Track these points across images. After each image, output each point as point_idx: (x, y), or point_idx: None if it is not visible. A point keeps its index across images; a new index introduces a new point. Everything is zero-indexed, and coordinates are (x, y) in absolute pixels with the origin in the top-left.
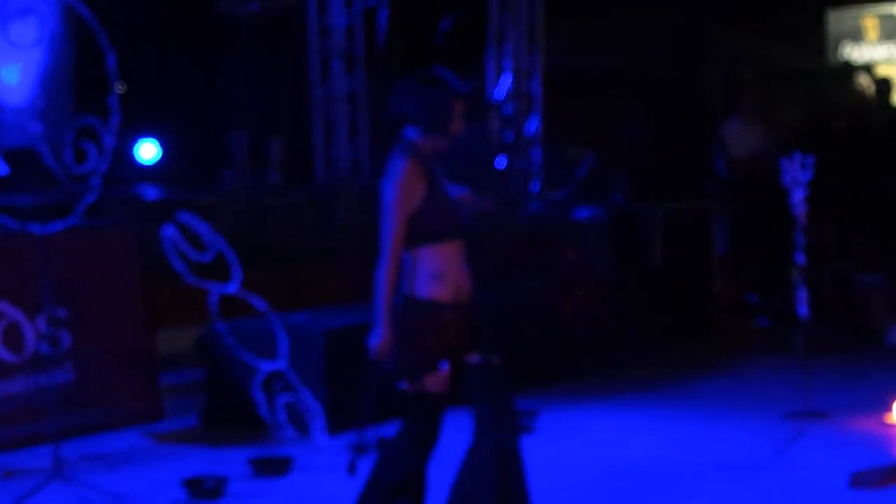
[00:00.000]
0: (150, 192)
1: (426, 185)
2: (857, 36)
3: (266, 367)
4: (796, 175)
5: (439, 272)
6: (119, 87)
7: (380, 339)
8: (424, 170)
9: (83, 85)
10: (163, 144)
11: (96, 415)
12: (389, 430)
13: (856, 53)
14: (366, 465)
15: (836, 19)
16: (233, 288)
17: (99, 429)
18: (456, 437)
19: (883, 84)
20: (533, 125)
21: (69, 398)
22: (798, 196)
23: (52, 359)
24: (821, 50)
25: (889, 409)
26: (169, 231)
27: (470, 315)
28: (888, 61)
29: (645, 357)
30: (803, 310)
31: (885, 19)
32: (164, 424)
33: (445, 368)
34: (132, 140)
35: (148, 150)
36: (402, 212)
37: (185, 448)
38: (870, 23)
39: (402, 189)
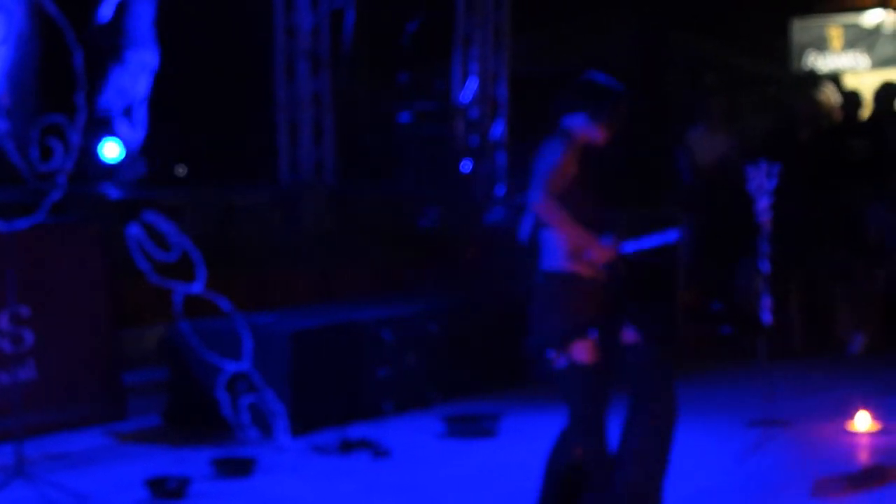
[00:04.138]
0: (114, 192)
1: (577, 171)
2: (821, 45)
3: (230, 367)
4: (761, 182)
5: (574, 250)
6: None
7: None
8: (577, 157)
9: (49, 82)
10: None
11: (59, 413)
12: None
13: (820, 62)
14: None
15: (800, 28)
16: (197, 288)
17: (61, 427)
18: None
19: (852, 97)
20: (498, 129)
21: (32, 396)
22: (763, 204)
23: (15, 357)
24: (785, 58)
25: (851, 417)
26: (134, 230)
27: (613, 290)
28: (853, 70)
29: None
30: (767, 318)
31: (849, 28)
32: (127, 424)
33: (593, 336)
34: (96, 139)
35: (112, 149)
36: (552, 186)
37: (148, 448)
38: (834, 32)
39: (554, 173)
